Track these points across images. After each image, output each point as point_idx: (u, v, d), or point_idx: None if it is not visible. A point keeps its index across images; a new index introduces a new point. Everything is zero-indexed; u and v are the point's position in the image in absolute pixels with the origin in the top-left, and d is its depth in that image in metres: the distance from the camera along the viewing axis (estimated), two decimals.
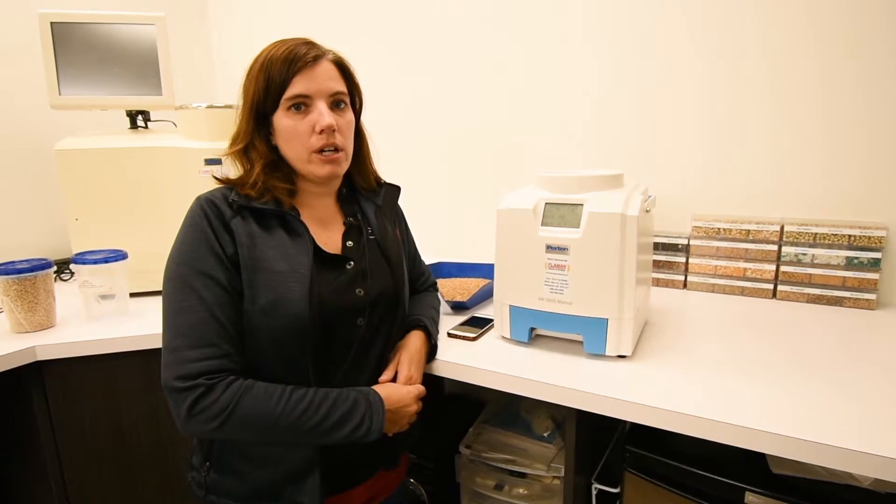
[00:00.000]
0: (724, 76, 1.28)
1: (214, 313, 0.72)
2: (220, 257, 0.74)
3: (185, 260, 0.74)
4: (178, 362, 0.70)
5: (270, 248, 0.77)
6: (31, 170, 1.59)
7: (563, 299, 0.90)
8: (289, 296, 0.74)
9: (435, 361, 0.94)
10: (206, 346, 0.71)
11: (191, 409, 0.68)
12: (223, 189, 0.81)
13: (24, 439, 1.10)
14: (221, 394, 0.69)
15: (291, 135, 0.79)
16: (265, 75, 0.77)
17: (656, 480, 0.89)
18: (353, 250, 0.86)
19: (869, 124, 1.16)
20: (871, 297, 1.14)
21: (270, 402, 0.70)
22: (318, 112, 0.78)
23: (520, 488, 1.14)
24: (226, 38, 2.08)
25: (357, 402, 0.76)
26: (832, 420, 0.70)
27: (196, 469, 0.84)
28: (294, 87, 0.77)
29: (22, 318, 1.08)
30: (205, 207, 0.76)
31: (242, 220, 0.77)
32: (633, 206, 0.86)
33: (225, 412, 0.68)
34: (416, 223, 1.10)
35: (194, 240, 0.74)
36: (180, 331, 0.71)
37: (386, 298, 0.87)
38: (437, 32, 1.62)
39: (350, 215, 0.90)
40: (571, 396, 0.82)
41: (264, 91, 0.78)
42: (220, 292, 0.73)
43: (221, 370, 0.71)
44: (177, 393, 0.69)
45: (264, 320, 0.74)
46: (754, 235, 1.24)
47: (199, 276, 0.73)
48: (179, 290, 0.73)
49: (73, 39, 1.33)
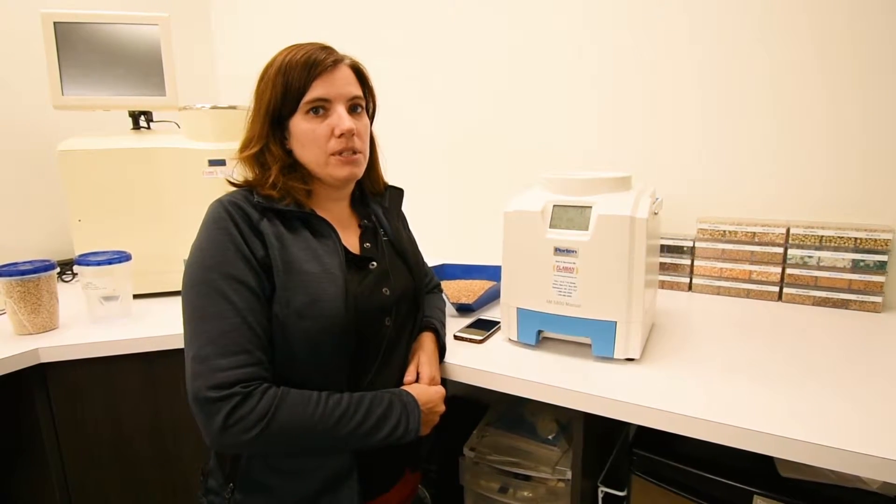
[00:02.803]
0: (729, 79, 1.28)
1: (247, 319, 0.69)
2: (250, 260, 0.72)
3: (211, 264, 0.71)
4: (210, 371, 0.66)
5: (300, 249, 0.76)
6: (34, 171, 1.58)
7: (571, 302, 0.90)
8: (323, 296, 0.73)
9: (442, 364, 0.94)
10: (240, 354, 0.68)
11: (226, 420, 0.65)
12: (242, 191, 0.79)
13: (27, 441, 1.09)
14: (258, 402, 0.66)
15: (310, 138, 0.78)
16: (283, 79, 0.77)
17: (663, 484, 0.89)
18: (373, 252, 0.86)
19: (875, 126, 1.16)
20: (877, 300, 1.14)
21: (308, 409, 0.69)
22: (337, 116, 0.78)
23: (524, 491, 1.14)
24: (229, 38, 2.08)
25: (392, 404, 0.75)
26: (839, 423, 0.70)
27: (216, 493, 0.80)
28: (314, 90, 0.77)
29: (25, 320, 1.08)
30: (229, 209, 0.74)
31: (269, 222, 0.76)
32: (642, 209, 0.86)
33: (263, 421, 0.66)
34: (419, 224, 1.10)
35: (221, 242, 0.72)
36: (210, 338, 0.68)
37: (408, 298, 0.87)
38: (440, 34, 1.62)
39: (364, 218, 0.90)
40: (580, 399, 0.81)
41: (282, 95, 0.77)
42: (251, 297, 0.71)
43: (256, 378, 0.68)
44: (210, 404, 0.65)
45: (299, 323, 0.72)
46: (760, 238, 1.23)
47: (228, 280, 0.70)
48: (207, 296, 0.70)
49: (76, 40, 1.32)
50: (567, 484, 1.07)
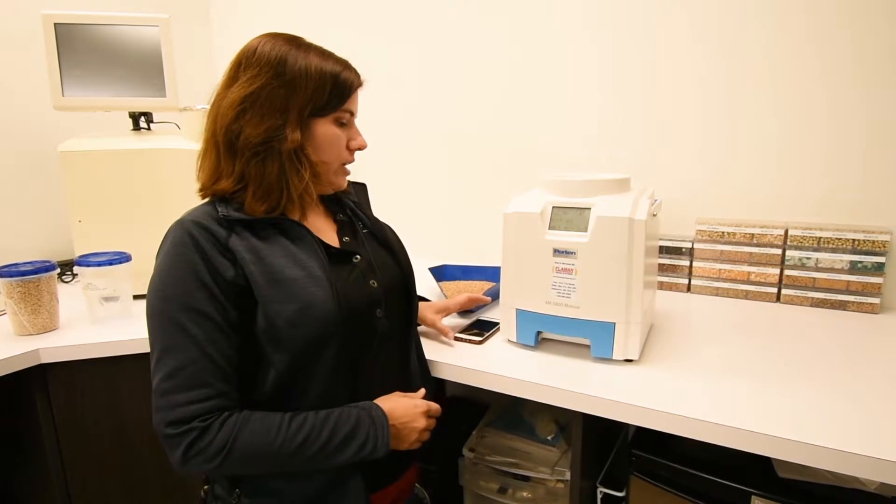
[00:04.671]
0: (728, 80, 1.28)
1: (206, 351, 0.68)
2: (212, 289, 0.69)
3: (170, 294, 0.69)
4: (168, 406, 0.66)
5: (279, 257, 0.73)
6: (34, 171, 1.58)
7: (570, 303, 0.91)
8: (313, 301, 0.72)
9: (441, 364, 0.94)
10: (199, 388, 0.67)
11: (186, 453, 0.65)
12: (204, 207, 0.76)
13: (27, 442, 1.09)
14: (217, 433, 0.66)
15: (335, 143, 0.80)
16: (332, 81, 0.77)
17: (662, 484, 0.90)
18: (353, 245, 0.85)
19: (873, 128, 1.16)
20: (874, 301, 1.14)
21: (269, 435, 0.68)
22: (356, 131, 0.84)
23: (523, 492, 1.14)
24: (228, 39, 2.08)
25: (360, 421, 0.73)
26: (837, 424, 0.70)
27: (221, 499, 0.78)
28: (351, 102, 0.81)
29: (25, 321, 1.08)
30: (193, 233, 0.71)
31: (238, 237, 0.73)
32: (641, 211, 0.86)
33: (223, 452, 0.66)
34: (419, 225, 1.10)
35: (180, 272, 0.69)
36: (169, 372, 0.67)
37: (397, 288, 0.87)
38: (439, 33, 1.62)
39: (338, 213, 0.89)
40: (579, 400, 0.82)
41: (330, 94, 0.77)
42: (211, 328, 0.68)
43: (216, 409, 0.67)
44: (170, 439, 0.66)
45: (293, 332, 0.71)
46: (758, 239, 1.24)
47: (188, 312, 0.68)
48: (165, 329, 0.68)
49: (76, 41, 1.33)
50: (566, 484, 1.08)
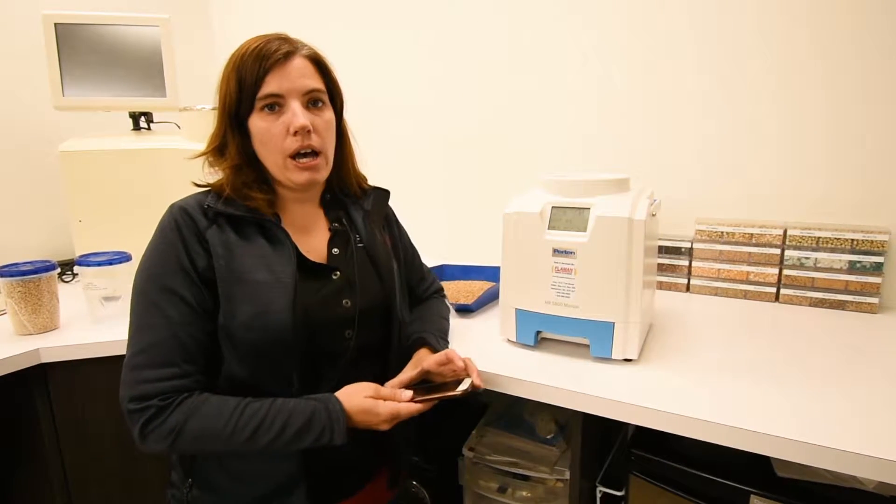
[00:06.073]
0: (727, 80, 1.28)
1: (178, 333, 0.69)
2: (190, 273, 0.71)
3: (152, 274, 0.71)
4: (135, 382, 0.68)
5: (250, 257, 0.73)
6: (35, 171, 1.59)
7: (569, 303, 0.91)
8: (271, 308, 0.70)
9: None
10: (166, 367, 0.68)
11: (142, 430, 0.67)
12: (198, 195, 0.77)
13: (28, 442, 1.09)
14: (170, 415, 0.67)
15: (266, 137, 0.74)
16: (237, 75, 0.73)
17: (661, 483, 0.90)
18: (340, 258, 0.81)
19: (872, 128, 1.17)
20: (873, 301, 1.15)
21: (220, 421, 0.68)
22: (291, 112, 0.73)
23: (523, 491, 1.14)
24: (228, 39, 2.07)
25: (315, 414, 0.70)
26: (836, 423, 0.70)
27: (176, 486, 0.80)
28: (267, 85, 0.72)
29: (25, 321, 1.08)
30: (177, 217, 0.73)
31: (218, 230, 0.73)
32: (640, 211, 0.86)
33: (173, 433, 0.67)
34: (418, 225, 1.10)
35: (163, 253, 0.71)
36: (141, 347, 0.69)
37: (376, 310, 0.82)
38: (440, 34, 1.62)
39: (335, 221, 0.85)
40: (579, 400, 0.82)
41: (237, 91, 0.73)
42: (186, 310, 0.70)
43: (180, 390, 0.69)
44: (130, 413, 0.68)
45: (246, 335, 0.70)
46: (757, 239, 1.24)
47: (165, 292, 0.70)
48: (144, 306, 0.70)
49: (76, 41, 1.33)
50: (565, 484, 1.08)
